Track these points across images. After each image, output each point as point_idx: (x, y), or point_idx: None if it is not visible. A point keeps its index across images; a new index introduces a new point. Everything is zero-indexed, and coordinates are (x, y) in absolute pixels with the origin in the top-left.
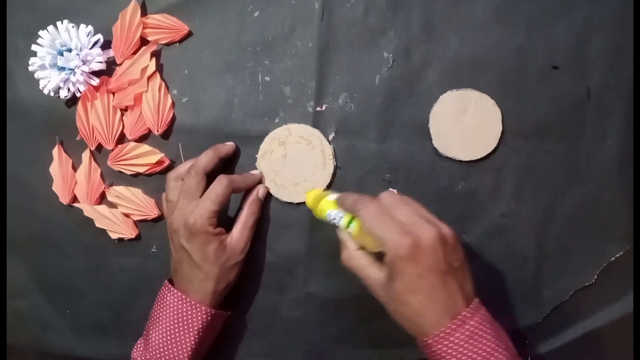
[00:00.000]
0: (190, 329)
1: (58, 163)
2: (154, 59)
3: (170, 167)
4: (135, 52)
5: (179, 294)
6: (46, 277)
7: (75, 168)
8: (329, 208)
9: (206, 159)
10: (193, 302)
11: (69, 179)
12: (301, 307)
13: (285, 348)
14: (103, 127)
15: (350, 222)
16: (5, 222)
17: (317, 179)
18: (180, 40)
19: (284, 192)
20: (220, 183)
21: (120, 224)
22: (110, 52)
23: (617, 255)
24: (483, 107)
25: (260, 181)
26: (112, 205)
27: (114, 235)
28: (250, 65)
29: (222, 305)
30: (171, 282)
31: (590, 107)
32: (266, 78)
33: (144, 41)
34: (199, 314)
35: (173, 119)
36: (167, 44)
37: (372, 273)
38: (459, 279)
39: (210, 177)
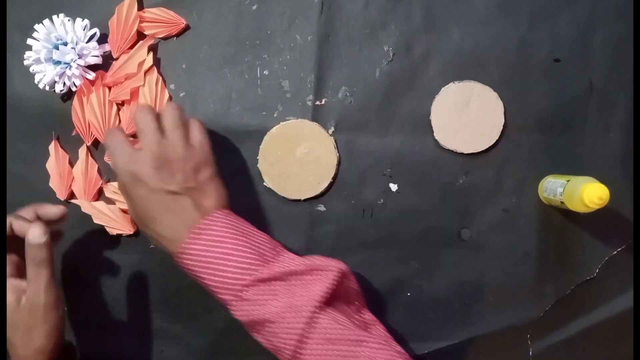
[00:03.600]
0: None
1: (55, 159)
2: (151, 53)
3: None
4: (132, 47)
5: None
6: None
7: (72, 164)
8: None
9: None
10: None
11: (66, 175)
12: None
13: None
14: (99, 122)
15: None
16: (5, 222)
17: (321, 172)
18: (178, 34)
19: (289, 190)
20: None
21: (118, 220)
22: (107, 46)
23: (619, 249)
24: (485, 100)
25: (59, 214)
26: (109, 201)
27: (112, 232)
28: (248, 59)
29: None
30: None
31: (593, 101)
32: (265, 72)
33: (140, 35)
34: None
35: None
36: (164, 38)
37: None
38: (194, 197)
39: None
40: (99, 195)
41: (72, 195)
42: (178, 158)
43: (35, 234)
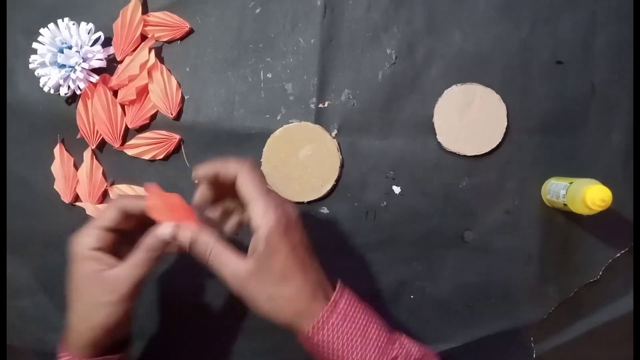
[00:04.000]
0: None
1: (59, 162)
2: (152, 52)
3: (180, 144)
4: (135, 50)
5: (59, 345)
6: (48, 277)
7: (76, 166)
8: None
9: (131, 198)
10: (66, 358)
11: (71, 177)
12: None
13: (286, 346)
14: (107, 126)
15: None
16: (6, 222)
17: (324, 174)
18: (182, 38)
19: (292, 192)
20: (109, 204)
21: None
22: (111, 50)
23: (623, 252)
24: (488, 102)
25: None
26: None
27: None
28: (251, 62)
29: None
30: None
31: (594, 102)
32: (268, 75)
33: (144, 39)
34: None
35: (182, 98)
36: (168, 42)
37: (239, 264)
38: (317, 263)
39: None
40: (104, 197)
41: (76, 198)
42: (296, 214)
43: (165, 230)
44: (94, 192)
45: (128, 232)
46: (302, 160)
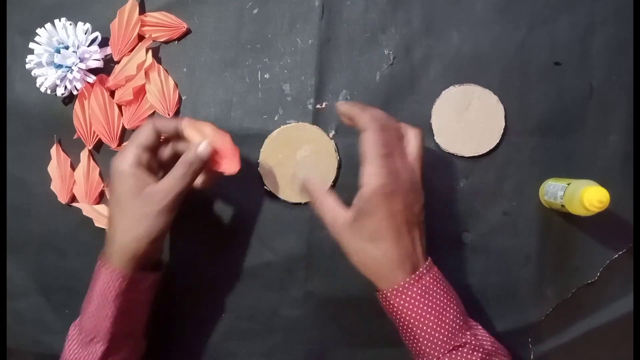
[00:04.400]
0: (107, 297)
1: (56, 162)
2: (149, 52)
3: None
4: (133, 50)
5: (98, 262)
6: (45, 278)
7: (73, 167)
8: None
9: (165, 119)
10: (105, 268)
11: (68, 178)
12: (301, 307)
13: (285, 347)
14: (104, 126)
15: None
16: (5, 221)
17: (322, 175)
18: (179, 38)
19: (290, 193)
20: (145, 124)
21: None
22: (108, 50)
23: (620, 253)
24: (486, 103)
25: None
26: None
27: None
28: (249, 62)
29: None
30: None
31: (593, 103)
32: (265, 76)
33: (141, 39)
34: (112, 281)
35: (180, 99)
36: (166, 42)
37: (339, 212)
38: (421, 231)
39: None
40: (101, 198)
41: (73, 198)
42: (420, 189)
43: (206, 149)
44: (90, 193)
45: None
46: (300, 161)
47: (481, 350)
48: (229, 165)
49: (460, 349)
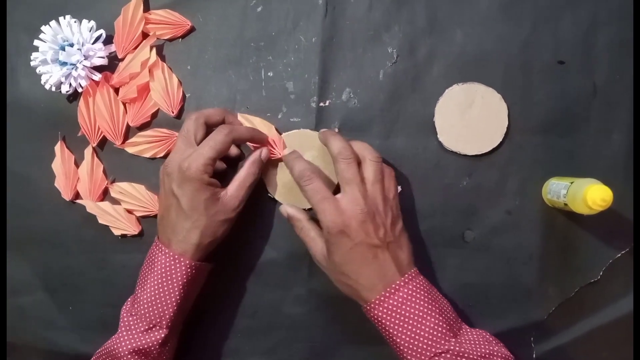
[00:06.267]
0: (175, 284)
1: (60, 159)
2: (154, 50)
3: None
4: (137, 47)
5: (164, 249)
6: (49, 274)
7: (77, 164)
8: None
9: (212, 110)
10: (176, 257)
11: (72, 175)
12: (304, 304)
13: (288, 345)
14: (109, 123)
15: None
16: (6, 219)
17: (325, 181)
18: (183, 36)
19: (293, 200)
20: (221, 131)
21: (123, 220)
22: (112, 47)
23: (623, 252)
24: (489, 102)
25: (263, 139)
26: (115, 201)
27: (117, 232)
28: (253, 60)
29: (206, 260)
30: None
31: (596, 102)
32: (269, 73)
33: (146, 37)
34: (182, 267)
35: (183, 96)
36: (170, 40)
37: (318, 245)
38: (392, 251)
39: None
40: (104, 195)
41: (77, 195)
42: (380, 212)
43: (265, 155)
44: (94, 190)
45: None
46: None
47: (464, 357)
48: (275, 152)
49: (441, 355)
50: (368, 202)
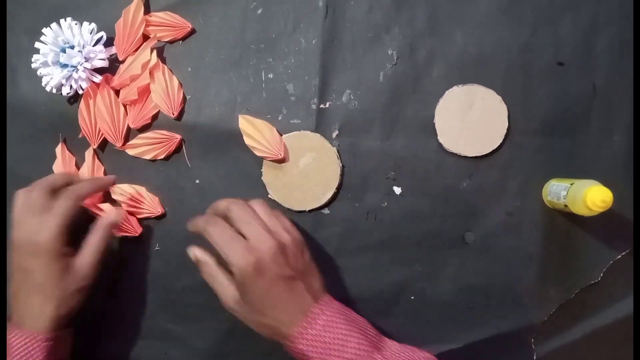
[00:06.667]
0: None
1: (61, 161)
2: (154, 52)
3: (181, 144)
4: (137, 49)
5: (16, 331)
6: None
7: (78, 166)
8: None
9: (54, 176)
10: (33, 335)
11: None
12: None
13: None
14: (109, 125)
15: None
16: (6, 219)
17: (325, 182)
18: (183, 38)
19: (293, 201)
20: (63, 196)
21: (124, 222)
22: (113, 50)
23: (624, 253)
24: (489, 103)
25: (112, 183)
26: (116, 203)
27: (117, 234)
28: (253, 62)
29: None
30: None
31: (596, 104)
32: (269, 75)
33: (146, 39)
34: (40, 345)
35: (184, 98)
36: (170, 42)
37: (229, 291)
38: (305, 280)
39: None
40: (105, 197)
41: None
42: (287, 244)
43: (118, 213)
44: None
45: None
46: (303, 168)
47: None
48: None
49: None
50: (274, 235)
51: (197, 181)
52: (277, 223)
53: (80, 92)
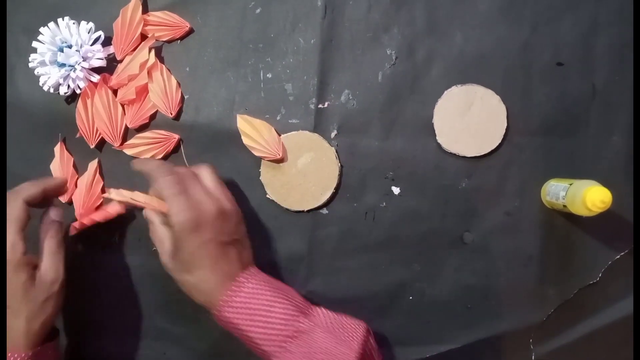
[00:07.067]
0: None
1: (59, 161)
2: (152, 52)
3: (179, 144)
4: (135, 49)
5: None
6: None
7: (76, 167)
8: None
9: (30, 187)
10: (11, 356)
11: (70, 177)
12: None
13: None
14: (107, 125)
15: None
16: (6, 219)
17: (323, 182)
18: (182, 38)
19: (291, 201)
20: (11, 201)
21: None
22: (111, 49)
23: (623, 253)
24: (488, 103)
25: (62, 184)
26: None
27: (71, 232)
28: (251, 62)
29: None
30: None
31: (595, 104)
32: (268, 75)
33: (144, 38)
34: None
35: (182, 98)
36: (168, 41)
37: (165, 245)
38: (238, 249)
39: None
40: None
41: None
42: (229, 211)
43: (55, 214)
44: (88, 204)
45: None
46: (301, 168)
47: (319, 328)
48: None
49: (295, 337)
50: (216, 201)
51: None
52: (221, 191)
53: (78, 91)
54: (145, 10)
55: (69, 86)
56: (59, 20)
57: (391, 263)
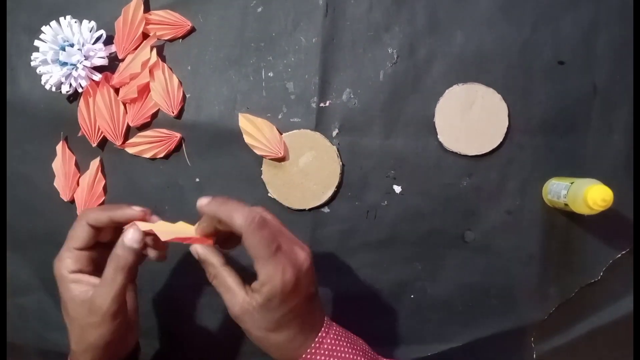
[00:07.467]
0: None
1: (61, 159)
2: (154, 50)
3: (181, 143)
4: (137, 48)
5: None
6: (49, 275)
7: (77, 166)
8: None
9: (97, 211)
10: None
11: (71, 176)
12: None
13: None
14: (109, 124)
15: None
16: (6, 219)
17: (325, 181)
18: (183, 36)
19: (293, 200)
20: (77, 219)
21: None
22: (113, 48)
23: (623, 252)
24: (490, 102)
25: (128, 215)
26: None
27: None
28: (253, 61)
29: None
30: None
31: (596, 103)
32: (269, 74)
33: (146, 37)
34: None
35: (184, 97)
36: (170, 40)
37: (237, 297)
38: (317, 299)
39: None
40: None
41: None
42: (304, 264)
43: (133, 237)
44: (90, 202)
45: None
46: (303, 167)
47: None
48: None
49: None
50: (303, 248)
51: (197, 179)
52: (291, 234)
53: (80, 90)
54: (147, 9)
55: (70, 85)
56: (61, 19)
57: (392, 262)
